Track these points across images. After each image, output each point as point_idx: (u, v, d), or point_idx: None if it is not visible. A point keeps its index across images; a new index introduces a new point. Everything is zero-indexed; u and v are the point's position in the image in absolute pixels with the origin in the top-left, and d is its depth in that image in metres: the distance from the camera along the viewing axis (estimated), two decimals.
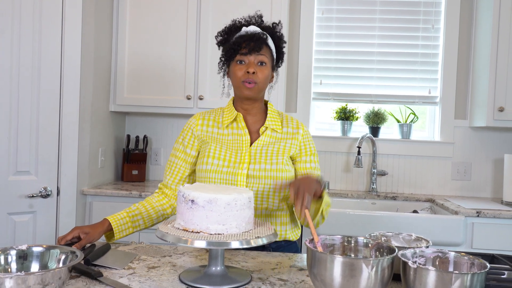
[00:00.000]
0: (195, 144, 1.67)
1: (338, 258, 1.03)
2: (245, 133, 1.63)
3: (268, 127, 1.65)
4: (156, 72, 2.98)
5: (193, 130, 1.67)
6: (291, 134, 1.67)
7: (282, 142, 1.64)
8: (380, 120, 3.21)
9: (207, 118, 1.69)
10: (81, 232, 1.44)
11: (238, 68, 1.58)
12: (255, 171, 1.56)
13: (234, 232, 1.18)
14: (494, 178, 3.15)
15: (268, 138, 1.64)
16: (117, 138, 3.22)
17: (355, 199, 3.06)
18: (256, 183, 1.56)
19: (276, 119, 1.67)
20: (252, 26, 1.61)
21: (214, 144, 1.62)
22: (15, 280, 0.96)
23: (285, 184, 1.55)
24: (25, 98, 2.40)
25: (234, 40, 1.59)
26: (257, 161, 1.57)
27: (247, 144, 1.61)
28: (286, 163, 1.61)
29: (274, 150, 1.61)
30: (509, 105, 2.79)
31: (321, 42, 3.24)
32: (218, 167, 1.57)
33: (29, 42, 2.39)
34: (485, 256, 1.30)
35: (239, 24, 1.63)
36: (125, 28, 2.98)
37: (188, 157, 1.67)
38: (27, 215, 2.44)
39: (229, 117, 1.65)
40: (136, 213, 1.58)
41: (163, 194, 1.67)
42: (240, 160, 1.58)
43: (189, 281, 1.19)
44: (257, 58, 1.56)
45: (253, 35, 1.56)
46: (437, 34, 3.18)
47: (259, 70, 1.57)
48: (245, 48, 1.55)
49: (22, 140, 2.40)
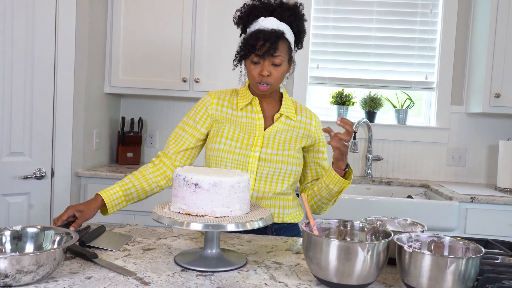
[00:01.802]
0: (206, 121, 1.66)
1: (334, 241, 1.03)
2: (259, 117, 1.63)
3: (283, 114, 1.65)
4: (151, 54, 2.95)
5: (207, 108, 1.66)
6: (304, 123, 1.69)
7: (295, 130, 1.66)
8: (376, 105, 3.21)
9: (222, 98, 1.68)
10: (75, 211, 1.43)
11: (253, 68, 1.56)
12: (267, 155, 1.58)
13: (238, 214, 1.18)
14: (489, 164, 3.17)
15: (282, 125, 1.65)
16: (112, 120, 3.20)
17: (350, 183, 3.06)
18: (267, 167, 1.57)
19: (291, 106, 1.68)
20: (270, 18, 1.55)
21: (228, 125, 1.62)
22: (10, 260, 0.95)
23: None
24: (19, 80, 2.37)
25: (249, 38, 1.54)
26: (270, 146, 1.59)
27: (261, 128, 1.62)
28: (297, 151, 1.63)
29: (287, 137, 1.63)
30: (505, 92, 2.79)
31: (318, 26, 3.22)
32: (230, 147, 1.58)
33: (22, 23, 2.35)
34: (479, 241, 1.31)
35: (257, 11, 1.57)
36: (120, 9, 2.94)
37: (197, 132, 1.66)
38: (21, 197, 2.43)
39: (244, 100, 1.65)
40: (129, 186, 1.57)
41: (160, 163, 1.65)
42: (253, 143, 1.59)
43: (184, 263, 1.19)
44: (271, 60, 1.54)
45: (270, 34, 1.51)
46: (435, 19, 3.16)
47: (274, 70, 1.55)
48: (260, 49, 1.51)
49: (16, 121, 2.38)
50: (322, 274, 1.05)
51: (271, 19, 1.55)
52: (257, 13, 1.57)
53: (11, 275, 0.96)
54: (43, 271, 1.00)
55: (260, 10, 1.57)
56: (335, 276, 1.03)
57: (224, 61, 2.88)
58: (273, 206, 1.61)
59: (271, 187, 1.59)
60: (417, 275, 1.00)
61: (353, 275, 1.02)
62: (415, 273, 1.00)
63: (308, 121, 1.70)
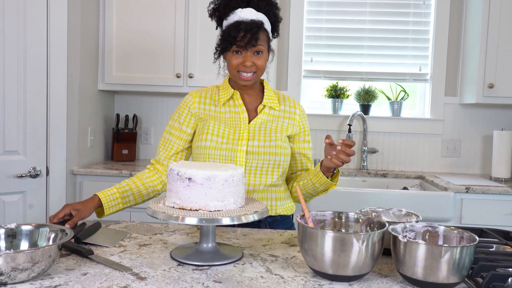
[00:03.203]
0: (191, 121, 1.66)
1: (329, 233, 1.03)
2: (242, 110, 1.63)
3: (266, 105, 1.65)
4: (145, 50, 2.93)
5: (190, 108, 1.66)
6: (288, 113, 1.69)
7: (280, 120, 1.66)
8: (370, 98, 3.21)
9: (204, 96, 1.68)
10: (72, 209, 1.43)
11: (235, 57, 1.56)
12: (254, 147, 1.58)
13: (232, 208, 1.18)
14: (483, 154, 3.18)
15: (266, 116, 1.65)
16: (106, 117, 3.19)
17: (345, 176, 3.07)
18: (255, 159, 1.57)
19: (273, 97, 1.68)
20: (247, 9, 1.55)
21: (212, 122, 1.62)
22: (4, 258, 0.95)
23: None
24: (11, 78, 2.35)
25: (229, 30, 1.54)
26: (256, 138, 1.59)
27: (245, 122, 1.62)
28: (284, 141, 1.63)
29: (273, 127, 1.63)
30: (498, 82, 2.80)
31: (312, 19, 3.21)
32: (217, 143, 1.58)
33: (13, 21, 2.34)
34: (474, 230, 1.32)
35: (233, 2, 1.57)
36: (112, 5, 2.92)
37: (183, 134, 1.66)
38: (16, 195, 2.42)
39: (225, 95, 1.65)
40: (126, 189, 1.57)
41: (154, 170, 1.66)
42: (239, 137, 1.59)
43: (180, 258, 1.19)
44: (253, 49, 1.55)
45: (249, 25, 1.51)
46: (428, 11, 3.16)
47: (256, 59, 1.56)
48: (241, 41, 1.52)
49: (10, 120, 2.36)
50: (317, 265, 1.06)
51: (249, 10, 1.55)
52: (233, 4, 1.57)
53: (6, 272, 0.96)
54: (38, 268, 1.00)
55: (237, 1, 1.57)
56: (331, 268, 1.03)
57: None
58: (265, 199, 1.61)
59: (261, 179, 1.59)
60: (412, 264, 1.00)
61: (349, 266, 1.02)
62: (410, 263, 1.01)
63: (292, 110, 1.70)
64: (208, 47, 2.90)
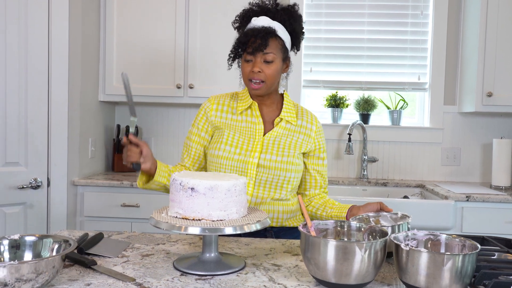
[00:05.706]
0: (209, 128, 1.68)
1: (332, 241, 1.04)
2: (259, 122, 1.64)
3: (283, 118, 1.65)
4: (145, 61, 2.95)
5: (207, 115, 1.68)
6: (305, 128, 1.68)
7: (295, 135, 1.66)
8: (370, 107, 3.22)
9: (222, 103, 1.69)
10: (147, 149, 1.50)
11: (245, 66, 1.58)
12: (266, 161, 1.58)
13: (235, 218, 1.19)
14: (483, 163, 3.19)
15: (282, 130, 1.65)
16: (107, 128, 3.20)
17: (346, 185, 3.07)
18: (265, 173, 1.58)
19: (292, 110, 1.68)
20: (262, 17, 1.57)
21: (227, 131, 1.63)
22: (9, 269, 0.95)
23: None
24: (13, 89, 2.37)
25: (240, 37, 1.57)
26: (269, 152, 1.59)
27: (260, 133, 1.62)
28: (297, 157, 1.62)
29: (287, 142, 1.63)
30: (497, 90, 2.82)
31: (310, 30, 3.23)
32: (230, 153, 1.59)
33: (15, 32, 2.36)
34: (475, 238, 1.32)
35: (251, 12, 1.60)
36: (112, 16, 2.95)
37: (202, 140, 1.69)
38: (17, 207, 2.42)
39: (243, 104, 1.65)
40: (171, 168, 1.62)
41: (184, 169, 1.70)
42: (252, 149, 1.59)
43: (183, 267, 1.19)
44: (263, 57, 1.55)
45: (259, 31, 1.53)
46: (426, 20, 3.19)
47: (265, 67, 1.56)
48: (250, 47, 1.53)
49: (11, 131, 2.37)
50: (320, 274, 1.06)
51: (263, 18, 1.57)
52: (251, 14, 1.60)
53: (10, 283, 0.96)
54: (42, 279, 1.00)
55: (255, 11, 1.60)
56: (334, 276, 1.04)
57: (218, 66, 2.90)
58: (272, 211, 1.61)
59: (270, 193, 1.59)
60: (415, 273, 1.01)
61: (351, 275, 1.03)
62: (413, 271, 1.01)
63: (309, 126, 1.69)
64: (209, 57, 2.92)
